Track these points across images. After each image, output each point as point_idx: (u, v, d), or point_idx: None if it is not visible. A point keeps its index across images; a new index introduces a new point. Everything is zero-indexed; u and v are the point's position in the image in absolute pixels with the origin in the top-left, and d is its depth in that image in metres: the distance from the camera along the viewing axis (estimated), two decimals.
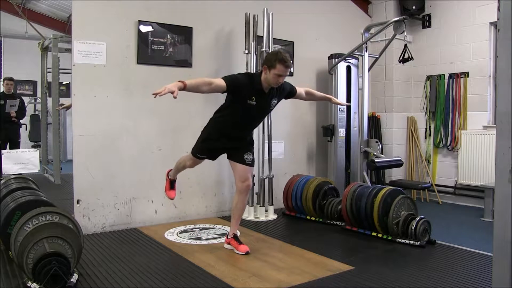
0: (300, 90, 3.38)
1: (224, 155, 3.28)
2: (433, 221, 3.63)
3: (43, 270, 2.32)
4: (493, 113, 5.18)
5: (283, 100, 3.32)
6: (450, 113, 5.46)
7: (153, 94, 2.55)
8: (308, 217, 4.26)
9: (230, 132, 3.14)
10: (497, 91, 1.59)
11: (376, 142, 4.83)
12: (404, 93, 5.89)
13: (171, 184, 3.59)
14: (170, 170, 3.55)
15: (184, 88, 2.66)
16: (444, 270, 2.85)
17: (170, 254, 3.17)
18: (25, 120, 7.46)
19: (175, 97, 2.55)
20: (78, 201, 3.68)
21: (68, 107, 5.33)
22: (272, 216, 4.38)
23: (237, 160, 3.18)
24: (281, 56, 2.92)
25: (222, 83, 2.86)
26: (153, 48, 4.01)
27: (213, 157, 3.32)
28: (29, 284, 2.37)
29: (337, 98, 4.98)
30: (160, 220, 4.07)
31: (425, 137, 5.78)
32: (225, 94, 3.05)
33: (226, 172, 4.42)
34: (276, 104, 3.21)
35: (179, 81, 2.65)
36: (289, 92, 3.27)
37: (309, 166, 5.28)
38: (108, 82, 3.79)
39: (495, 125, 4.25)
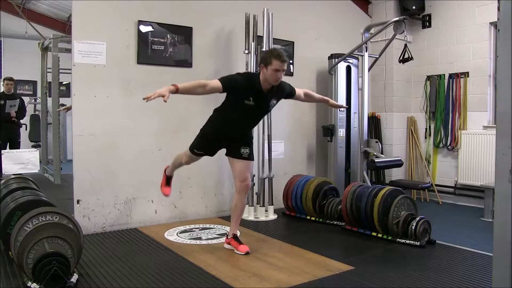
0: (299, 91, 3.38)
1: (223, 152, 3.29)
2: (433, 221, 3.63)
3: (43, 270, 2.32)
4: (493, 113, 5.18)
5: (282, 100, 3.32)
6: (450, 113, 5.46)
7: (144, 99, 2.58)
8: (308, 217, 4.26)
9: (227, 131, 3.16)
10: (497, 91, 1.59)
11: (376, 142, 4.82)
12: (404, 93, 5.89)
13: (167, 181, 3.58)
14: (168, 166, 3.56)
15: (176, 91, 2.68)
16: (444, 270, 2.85)
17: (170, 254, 3.17)
18: (25, 120, 7.44)
19: (165, 101, 2.58)
20: (78, 201, 3.68)
21: (69, 108, 5.31)
22: (272, 216, 4.38)
23: (234, 156, 3.20)
24: (276, 52, 2.96)
25: (217, 84, 2.86)
26: (153, 48, 4.01)
27: (212, 153, 3.31)
28: (29, 284, 2.37)
29: (338, 99, 5.03)
30: (160, 220, 4.07)
31: (425, 137, 5.78)
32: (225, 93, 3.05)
33: (226, 172, 4.42)
34: (275, 105, 3.21)
35: (172, 85, 2.67)
36: (289, 93, 3.27)
37: (309, 166, 5.28)
38: (108, 82, 3.79)
39: (495, 125, 4.25)
